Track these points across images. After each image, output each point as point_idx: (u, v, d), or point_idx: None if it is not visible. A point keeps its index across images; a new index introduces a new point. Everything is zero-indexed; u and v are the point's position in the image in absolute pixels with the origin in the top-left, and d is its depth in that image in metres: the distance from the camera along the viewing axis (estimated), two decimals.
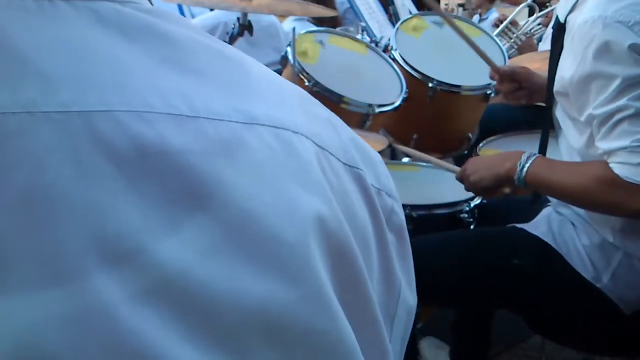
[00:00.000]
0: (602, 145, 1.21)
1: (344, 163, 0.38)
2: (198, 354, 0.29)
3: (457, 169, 1.52)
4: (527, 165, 1.33)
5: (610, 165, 1.20)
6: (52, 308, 0.27)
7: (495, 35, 2.61)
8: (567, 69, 1.24)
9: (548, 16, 3.40)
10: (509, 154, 1.41)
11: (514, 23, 3.32)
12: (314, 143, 0.36)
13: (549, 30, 3.08)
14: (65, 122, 0.29)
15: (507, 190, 1.43)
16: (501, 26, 3.33)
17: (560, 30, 1.30)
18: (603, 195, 1.23)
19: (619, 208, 1.23)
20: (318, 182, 0.35)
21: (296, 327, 0.32)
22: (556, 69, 1.30)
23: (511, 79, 1.67)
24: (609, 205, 1.25)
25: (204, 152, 0.31)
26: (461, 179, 1.46)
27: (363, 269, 0.36)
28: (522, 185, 1.34)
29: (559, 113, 1.37)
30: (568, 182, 1.28)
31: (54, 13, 0.31)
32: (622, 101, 1.16)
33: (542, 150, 1.46)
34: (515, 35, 3.27)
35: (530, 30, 3.38)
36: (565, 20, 1.28)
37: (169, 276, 0.29)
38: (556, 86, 1.30)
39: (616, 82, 1.16)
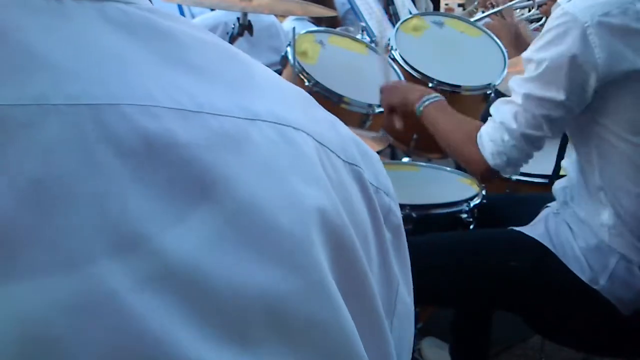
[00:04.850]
0: (492, 107, 1.37)
1: (343, 160, 0.39)
2: (201, 340, 0.30)
3: (390, 80, 1.74)
4: (427, 102, 1.54)
5: (481, 130, 1.37)
6: (58, 294, 0.28)
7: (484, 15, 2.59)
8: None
9: (547, 4, 3.35)
10: (427, 89, 1.64)
11: (508, 11, 3.23)
12: (315, 140, 0.37)
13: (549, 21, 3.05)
14: (73, 115, 0.30)
15: (398, 124, 1.64)
16: (491, 11, 3.23)
17: None
18: (462, 146, 1.44)
19: (467, 163, 1.47)
20: (319, 176, 0.36)
21: (297, 315, 0.33)
22: None
23: None
24: (462, 157, 1.48)
25: (209, 146, 0.32)
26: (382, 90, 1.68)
27: (364, 261, 0.37)
28: (418, 115, 1.54)
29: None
30: (446, 126, 1.50)
31: (63, 11, 0.32)
32: (522, 90, 1.28)
33: (561, 150, 1.50)
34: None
35: (527, 18, 3.31)
36: None
37: (174, 264, 0.30)
38: None
39: (538, 71, 1.25)
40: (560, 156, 1.57)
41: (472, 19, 2.43)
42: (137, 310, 0.29)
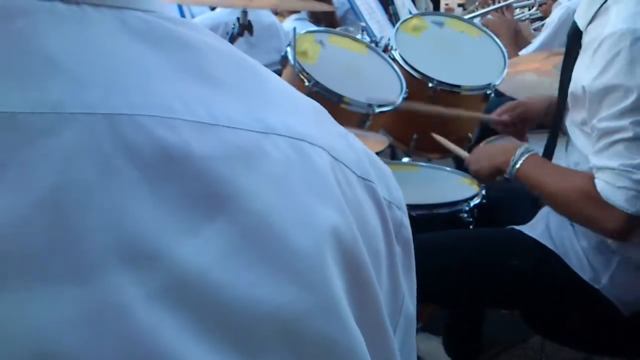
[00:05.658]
0: (594, 160, 1.23)
1: (358, 176, 0.39)
2: (212, 355, 0.30)
3: (466, 155, 1.64)
4: (519, 162, 1.39)
5: (595, 180, 1.22)
6: (69, 306, 0.28)
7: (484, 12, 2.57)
8: (586, 78, 1.25)
9: (547, 4, 3.33)
10: (507, 147, 1.49)
11: (509, 8, 3.19)
12: (330, 155, 0.37)
13: (550, 20, 3.04)
14: (90, 124, 0.29)
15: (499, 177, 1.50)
16: (491, 7, 3.19)
17: (576, 38, 1.31)
18: (581, 207, 1.27)
19: (593, 223, 1.27)
20: (333, 193, 0.35)
21: (308, 334, 0.32)
22: (570, 75, 1.31)
23: (509, 124, 1.74)
24: (584, 218, 1.28)
25: (225, 159, 0.32)
26: (467, 165, 1.59)
27: (374, 280, 0.37)
28: (512, 180, 1.41)
29: (567, 122, 1.38)
30: (553, 186, 1.33)
31: (82, 18, 0.31)
32: (625, 122, 1.18)
33: (549, 152, 1.48)
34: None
35: (527, 17, 3.29)
36: (584, 30, 1.28)
37: (186, 277, 0.29)
38: (571, 87, 1.31)
39: (631, 99, 1.17)
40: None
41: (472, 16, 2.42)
42: (148, 325, 0.28)
